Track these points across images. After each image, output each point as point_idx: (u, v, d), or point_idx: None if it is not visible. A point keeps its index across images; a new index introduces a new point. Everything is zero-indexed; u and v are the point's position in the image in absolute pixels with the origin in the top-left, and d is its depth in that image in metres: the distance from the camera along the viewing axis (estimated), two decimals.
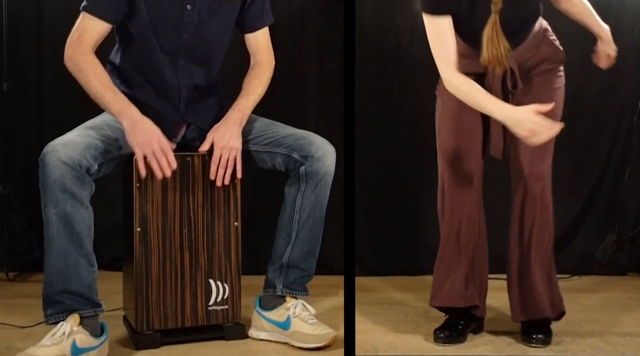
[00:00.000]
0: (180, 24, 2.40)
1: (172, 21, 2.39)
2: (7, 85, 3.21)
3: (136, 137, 2.26)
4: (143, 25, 2.38)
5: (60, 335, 2.15)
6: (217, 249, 2.44)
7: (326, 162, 2.43)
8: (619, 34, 3.42)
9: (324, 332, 2.38)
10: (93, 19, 2.34)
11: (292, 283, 2.50)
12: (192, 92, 2.47)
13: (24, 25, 3.35)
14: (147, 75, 2.44)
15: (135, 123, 2.27)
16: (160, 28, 2.39)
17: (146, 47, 2.41)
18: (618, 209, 3.48)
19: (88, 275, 2.23)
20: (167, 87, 2.45)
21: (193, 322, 2.42)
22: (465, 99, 2.34)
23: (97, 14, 2.34)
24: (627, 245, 3.44)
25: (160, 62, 2.42)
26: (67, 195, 2.16)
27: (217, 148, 2.36)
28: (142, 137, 2.26)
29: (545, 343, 2.43)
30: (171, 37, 2.40)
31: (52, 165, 2.15)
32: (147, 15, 2.36)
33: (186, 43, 2.42)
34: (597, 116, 3.49)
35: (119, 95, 2.31)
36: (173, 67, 2.43)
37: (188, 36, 2.42)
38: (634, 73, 3.47)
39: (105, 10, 2.34)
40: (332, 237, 3.07)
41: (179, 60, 2.44)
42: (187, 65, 2.45)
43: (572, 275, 3.38)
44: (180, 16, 2.39)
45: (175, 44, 2.41)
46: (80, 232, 2.20)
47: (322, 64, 3.43)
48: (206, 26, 2.43)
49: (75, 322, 2.19)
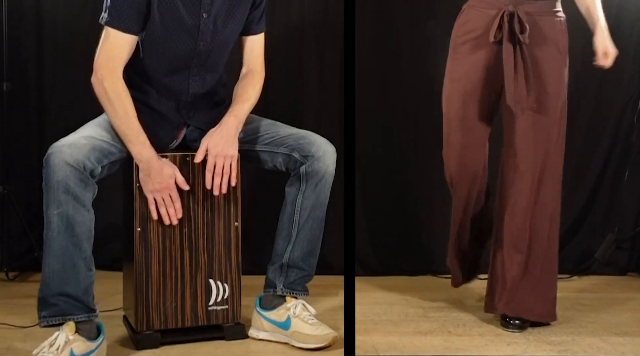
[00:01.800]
0: (196, 33, 2.37)
1: (188, 30, 2.35)
2: (7, 85, 3.21)
3: (150, 183, 2.29)
4: (155, 32, 2.34)
5: (57, 347, 2.14)
6: (217, 249, 2.44)
7: (327, 162, 2.43)
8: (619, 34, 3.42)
9: (324, 332, 2.38)
10: (120, 34, 2.29)
11: (293, 283, 2.50)
12: (197, 97, 2.47)
13: (24, 25, 3.34)
14: (152, 79, 2.42)
15: (151, 169, 2.28)
16: (175, 36, 2.35)
17: (155, 54, 2.38)
18: (618, 209, 3.48)
19: (85, 278, 2.22)
20: (171, 91, 2.44)
21: (193, 322, 2.42)
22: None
23: (124, 28, 2.29)
24: (627, 245, 3.44)
25: (172, 69, 2.40)
26: (70, 197, 2.16)
27: (211, 156, 2.34)
28: (156, 184, 2.28)
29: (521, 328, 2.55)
30: (187, 45, 2.37)
31: (56, 166, 2.15)
32: (159, 22, 2.32)
33: (201, 51, 2.40)
34: (597, 116, 3.48)
35: (142, 135, 2.28)
36: (185, 74, 2.42)
37: (204, 44, 2.39)
38: (634, 73, 3.46)
39: (132, 23, 2.29)
40: (332, 237, 3.07)
41: (193, 68, 2.42)
42: (199, 73, 2.44)
43: (572, 275, 3.38)
44: (196, 25, 2.36)
45: (190, 51, 2.39)
46: (80, 234, 2.19)
47: (322, 64, 3.42)
48: (221, 33, 2.41)
49: (70, 331, 2.18)
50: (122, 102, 2.28)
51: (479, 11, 2.54)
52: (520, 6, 2.48)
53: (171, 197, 2.32)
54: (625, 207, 3.49)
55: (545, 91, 2.50)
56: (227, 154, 2.35)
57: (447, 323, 2.68)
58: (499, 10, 2.48)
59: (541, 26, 2.49)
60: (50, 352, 2.14)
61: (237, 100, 2.46)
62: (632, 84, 3.47)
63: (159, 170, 2.29)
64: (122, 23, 2.28)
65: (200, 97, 2.48)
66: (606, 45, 2.53)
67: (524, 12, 2.47)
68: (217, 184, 2.35)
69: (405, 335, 2.56)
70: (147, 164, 2.28)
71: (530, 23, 2.47)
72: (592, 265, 3.41)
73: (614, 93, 3.47)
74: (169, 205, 2.32)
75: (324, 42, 3.42)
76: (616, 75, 3.41)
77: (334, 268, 3.25)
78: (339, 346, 2.36)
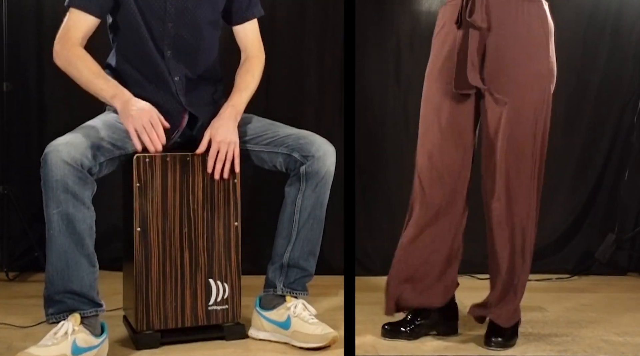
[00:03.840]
0: (164, 14, 2.40)
1: (156, 11, 2.39)
2: (7, 85, 3.21)
3: (128, 115, 2.29)
4: (132, 17, 2.39)
5: (62, 335, 2.15)
6: (217, 249, 2.44)
7: (326, 162, 2.43)
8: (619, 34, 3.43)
9: (324, 332, 2.38)
10: (79, 14, 2.37)
11: (293, 283, 2.50)
12: (185, 82, 2.47)
13: (24, 25, 3.35)
14: (143, 70, 2.44)
15: (127, 103, 2.30)
16: (148, 19, 2.40)
17: (138, 40, 2.42)
18: (618, 209, 3.48)
19: (89, 274, 2.23)
20: (164, 79, 2.45)
21: (193, 322, 2.42)
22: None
23: (82, 7, 2.36)
24: (627, 245, 3.44)
25: (153, 54, 2.43)
26: (69, 195, 2.16)
27: (215, 143, 2.36)
28: (133, 113, 2.28)
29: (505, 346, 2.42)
30: (158, 27, 2.41)
31: (54, 165, 2.15)
32: (135, 7, 2.38)
33: (171, 32, 2.42)
34: (597, 116, 3.49)
35: (110, 81, 2.35)
36: (161, 57, 2.44)
37: (173, 25, 2.42)
38: (634, 73, 3.47)
39: (90, 3, 2.36)
40: (332, 237, 3.07)
41: (167, 51, 2.44)
42: (174, 55, 2.45)
43: (572, 275, 3.39)
44: (163, 5, 2.40)
45: (162, 33, 2.42)
46: (81, 231, 2.20)
47: (322, 64, 3.43)
48: (191, 14, 2.43)
49: (76, 322, 2.19)
50: (82, 60, 2.34)
51: (449, 5, 2.46)
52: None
53: (152, 121, 2.29)
54: (625, 207, 3.49)
55: (513, 80, 2.35)
56: (230, 140, 2.36)
57: None
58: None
59: (511, 11, 2.35)
60: (53, 340, 2.14)
61: (235, 89, 2.49)
62: (632, 84, 3.47)
63: (135, 102, 2.30)
64: (81, 3, 2.36)
65: (190, 84, 2.48)
66: None
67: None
68: (218, 169, 2.36)
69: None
70: (122, 102, 2.30)
71: (498, 7, 2.34)
72: (592, 265, 3.41)
73: (614, 94, 3.47)
74: (150, 131, 2.28)
75: (324, 42, 3.42)
76: (616, 75, 3.42)
77: (334, 268, 3.25)
78: (339, 346, 2.36)
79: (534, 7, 2.37)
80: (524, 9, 2.36)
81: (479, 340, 2.49)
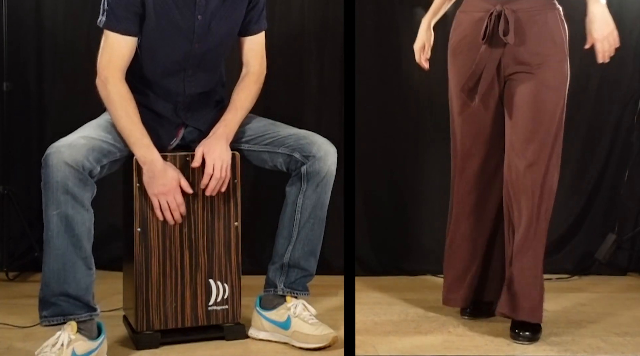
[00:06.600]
0: (191, 35, 2.37)
1: (183, 32, 2.36)
2: (7, 85, 3.21)
3: (154, 186, 2.29)
4: (151, 34, 2.35)
5: (59, 347, 2.15)
6: (217, 249, 2.44)
7: (327, 162, 2.43)
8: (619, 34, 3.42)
9: (324, 332, 2.38)
10: (119, 37, 2.31)
11: (293, 283, 2.50)
12: (194, 97, 2.47)
13: (24, 25, 3.34)
14: (148, 81, 2.43)
15: (155, 171, 2.29)
16: (170, 38, 2.36)
17: (151, 56, 2.39)
18: (618, 209, 3.48)
19: (85, 277, 2.23)
20: (168, 92, 2.44)
21: (193, 322, 2.42)
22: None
23: (122, 30, 2.31)
24: (627, 245, 3.44)
25: (167, 71, 2.41)
26: (69, 197, 2.16)
27: (210, 160, 2.34)
28: (160, 187, 2.29)
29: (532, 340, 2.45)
30: (182, 46, 2.38)
31: (55, 166, 2.15)
32: (155, 24, 2.33)
33: (197, 52, 2.41)
34: (597, 116, 3.48)
35: (145, 138, 2.30)
36: (180, 75, 2.42)
37: (199, 46, 2.40)
38: (634, 73, 3.46)
39: (129, 25, 2.31)
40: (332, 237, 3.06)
41: (188, 70, 2.42)
42: (195, 73, 2.44)
43: (572, 275, 3.38)
44: (191, 27, 2.36)
45: (185, 53, 2.39)
46: (80, 234, 2.20)
47: (322, 64, 3.42)
48: (216, 34, 2.41)
49: (72, 330, 2.18)
50: (125, 105, 2.29)
51: (469, 15, 2.52)
52: (507, 5, 2.44)
53: (176, 200, 2.33)
54: (625, 207, 3.49)
55: (544, 85, 2.44)
56: (223, 158, 2.36)
57: (447, 323, 2.68)
58: (487, 12, 2.46)
59: (535, 22, 2.44)
60: (53, 352, 2.14)
61: (231, 107, 2.46)
62: (632, 84, 3.47)
63: (162, 172, 2.29)
64: (119, 25, 2.30)
65: (198, 97, 2.48)
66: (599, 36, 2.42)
67: (512, 10, 2.43)
68: (211, 187, 2.35)
69: (405, 335, 2.56)
70: (151, 166, 2.29)
71: (522, 21, 2.43)
72: (592, 265, 3.41)
73: (614, 94, 3.47)
74: (174, 209, 2.33)
75: (324, 42, 3.41)
76: (616, 75, 3.42)
77: (334, 268, 3.25)
78: (339, 346, 2.36)
79: (554, 15, 2.48)
80: (547, 18, 2.46)
81: (479, 339, 2.50)
